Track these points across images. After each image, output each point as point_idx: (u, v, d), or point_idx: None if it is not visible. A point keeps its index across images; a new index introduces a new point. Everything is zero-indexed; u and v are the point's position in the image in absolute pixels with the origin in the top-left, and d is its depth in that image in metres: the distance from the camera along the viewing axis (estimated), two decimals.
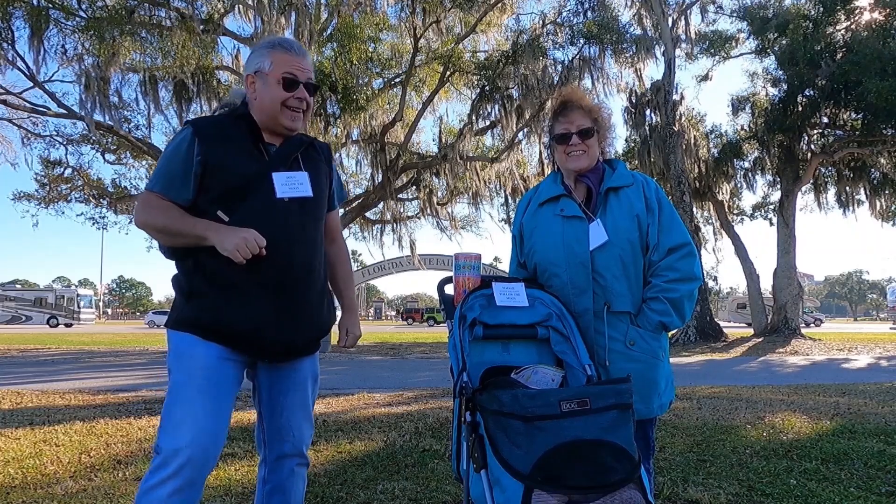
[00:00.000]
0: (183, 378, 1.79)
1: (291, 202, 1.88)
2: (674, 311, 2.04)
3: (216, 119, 1.97)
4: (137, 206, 1.90)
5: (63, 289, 48.37)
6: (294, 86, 1.93)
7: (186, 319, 1.83)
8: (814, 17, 19.34)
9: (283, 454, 1.98)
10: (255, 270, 1.79)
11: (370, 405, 6.38)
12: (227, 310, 1.80)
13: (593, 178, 2.16)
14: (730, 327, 29.95)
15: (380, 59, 17.27)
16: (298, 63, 1.94)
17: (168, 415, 1.77)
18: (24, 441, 4.48)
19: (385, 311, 68.61)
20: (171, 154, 1.87)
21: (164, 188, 1.85)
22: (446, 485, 3.29)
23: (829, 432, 4.74)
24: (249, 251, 1.73)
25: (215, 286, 1.81)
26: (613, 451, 1.61)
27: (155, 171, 1.90)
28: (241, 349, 1.85)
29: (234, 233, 1.75)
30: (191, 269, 1.84)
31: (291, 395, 1.98)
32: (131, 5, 14.56)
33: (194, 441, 1.72)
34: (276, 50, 1.94)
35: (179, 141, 1.87)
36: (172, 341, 1.85)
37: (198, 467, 1.73)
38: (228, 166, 1.85)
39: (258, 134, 1.93)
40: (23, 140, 18.81)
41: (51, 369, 10.79)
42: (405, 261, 49.38)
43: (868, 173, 21.50)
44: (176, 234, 1.82)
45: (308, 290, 1.92)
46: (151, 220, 1.84)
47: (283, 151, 1.96)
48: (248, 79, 1.97)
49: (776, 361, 12.84)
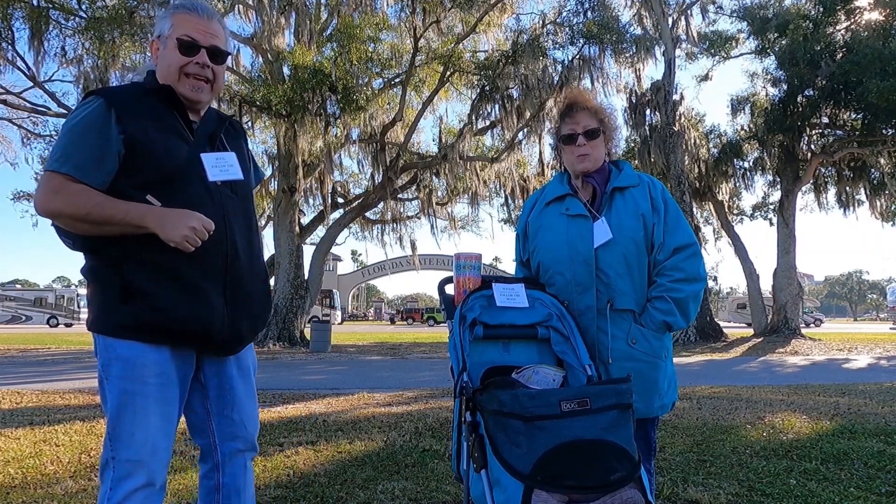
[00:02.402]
0: (136, 387, 1.62)
1: (224, 185, 1.74)
2: (678, 310, 2.04)
3: (127, 89, 1.74)
4: (44, 191, 1.59)
5: (63, 289, 48.35)
6: (193, 49, 1.72)
7: (129, 324, 1.61)
8: (814, 17, 19.35)
9: (237, 450, 1.85)
10: (198, 260, 1.63)
11: (370, 405, 6.38)
12: (178, 307, 1.62)
13: (599, 178, 2.17)
14: (730, 327, 29.95)
15: (380, 59, 17.27)
16: (202, 25, 1.74)
17: (121, 425, 1.61)
18: (24, 441, 4.48)
19: (385, 311, 68.55)
20: (81, 130, 1.60)
21: (76, 170, 1.58)
22: (446, 485, 3.29)
23: (829, 432, 4.74)
24: (199, 239, 1.57)
25: (158, 281, 1.61)
26: (613, 451, 1.61)
27: (59, 150, 1.61)
28: (192, 345, 1.71)
29: (177, 218, 1.56)
30: (119, 261, 1.61)
31: (242, 387, 1.86)
32: (131, 5, 14.55)
33: (156, 448, 1.63)
34: (177, 11, 1.75)
35: (90, 114, 1.61)
36: (112, 348, 1.64)
37: (162, 472, 1.66)
38: (156, 146, 1.63)
39: (182, 109, 1.74)
40: (23, 140, 18.83)
41: (51, 369, 10.78)
42: (405, 261, 49.46)
43: (868, 173, 21.51)
44: (102, 223, 1.57)
45: (252, 277, 1.81)
46: (67, 207, 1.57)
47: (206, 130, 1.78)
48: (152, 45, 1.78)
49: (776, 361, 12.85)
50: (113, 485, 1.60)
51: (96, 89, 1.71)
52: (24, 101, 17.18)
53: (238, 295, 1.75)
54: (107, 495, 1.60)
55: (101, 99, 1.64)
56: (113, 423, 1.63)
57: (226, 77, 2.09)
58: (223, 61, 1.81)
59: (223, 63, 1.82)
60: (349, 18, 16.21)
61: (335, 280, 55.12)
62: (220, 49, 1.78)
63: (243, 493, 1.88)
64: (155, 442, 1.63)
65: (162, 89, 1.73)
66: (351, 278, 60.55)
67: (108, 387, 1.64)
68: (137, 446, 1.61)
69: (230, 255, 1.72)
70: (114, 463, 1.61)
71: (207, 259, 1.66)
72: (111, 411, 1.64)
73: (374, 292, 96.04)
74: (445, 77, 17.51)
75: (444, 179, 20.17)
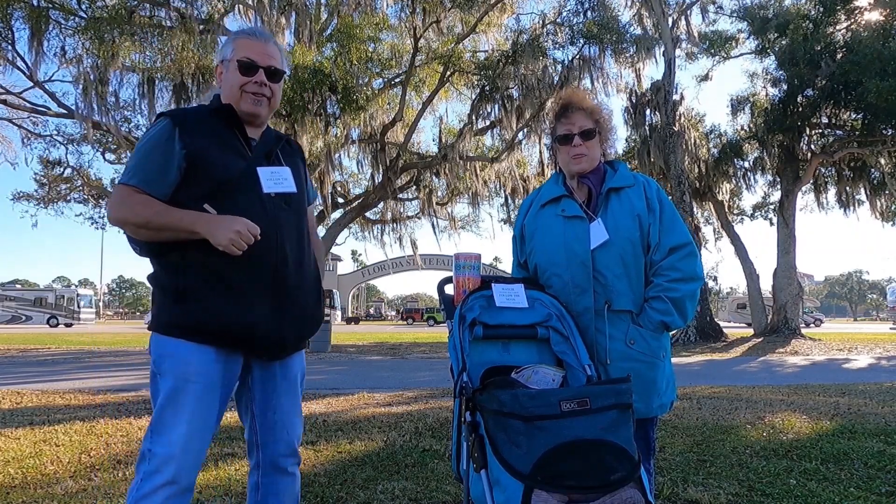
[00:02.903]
0: (178, 384, 1.73)
1: (277, 197, 1.85)
2: (675, 310, 2.04)
3: (193, 111, 1.92)
4: (113, 202, 1.78)
5: (63, 289, 48.39)
6: (252, 70, 1.87)
7: (179, 324, 1.75)
8: (814, 17, 19.35)
9: (278, 454, 1.94)
10: (249, 267, 1.74)
11: (370, 405, 6.38)
12: (225, 310, 1.74)
13: (595, 179, 2.17)
14: (730, 327, 29.94)
15: (380, 59, 17.27)
16: (259, 47, 1.90)
17: (161, 420, 1.72)
18: (24, 441, 4.48)
19: (385, 311, 68.52)
20: (149, 146, 1.78)
21: (143, 182, 1.75)
22: (446, 485, 3.29)
23: (829, 432, 4.74)
24: (245, 243, 1.68)
25: (209, 285, 1.74)
26: (613, 451, 1.61)
27: (130, 165, 1.80)
28: (238, 349, 1.81)
29: (226, 224, 1.68)
30: (177, 266, 1.76)
31: (284, 392, 1.94)
32: (131, 5, 14.56)
33: (188, 447, 1.70)
34: (238, 37, 1.93)
35: (157, 133, 1.79)
36: (162, 346, 1.77)
37: (192, 473, 1.72)
38: (215, 161, 1.78)
39: (241, 127, 1.88)
40: (23, 140, 18.85)
41: (51, 369, 10.78)
42: (405, 261, 49.49)
43: (868, 173, 21.51)
44: (160, 229, 1.73)
45: (300, 285, 1.89)
46: (132, 215, 1.73)
47: (264, 146, 1.92)
48: (216, 69, 1.95)
49: (776, 361, 12.85)
50: (144, 476, 1.69)
51: (165, 111, 1.89)
52: (24, 101, 17.20)
53: (284, 302, 1.83)
54: (137, 485, 1.70)
55: (168, 119, 1.81)
56: (156, 417, 1.74)
57: None
58: (279, 80, 1.95)
59: (279, 81, 1.96)
60: (349, 18, 16.21)
61: (335, 280, 55.15)
62: (276, 69, 1.92)
63: (283, 497, 1.95)
64: (187, 442, 1.70)
65: (223, 109, 1.89)
66: (351, 278, 60.55)
67: (160, 382, 1.76)
68: (172, 443, 1.69)
69: (279, 262, 1.81)
70: (150, 455, 1.70)
71: (257, 265, 1.77)
72: (157, 406, 1.75)
73: (374, 292, 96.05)
74: (445, 77, 17.51)
75: (444, 179, 20.18)
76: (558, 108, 2.21)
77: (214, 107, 1.91)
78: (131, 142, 17.09)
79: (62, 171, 19.60)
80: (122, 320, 79.47)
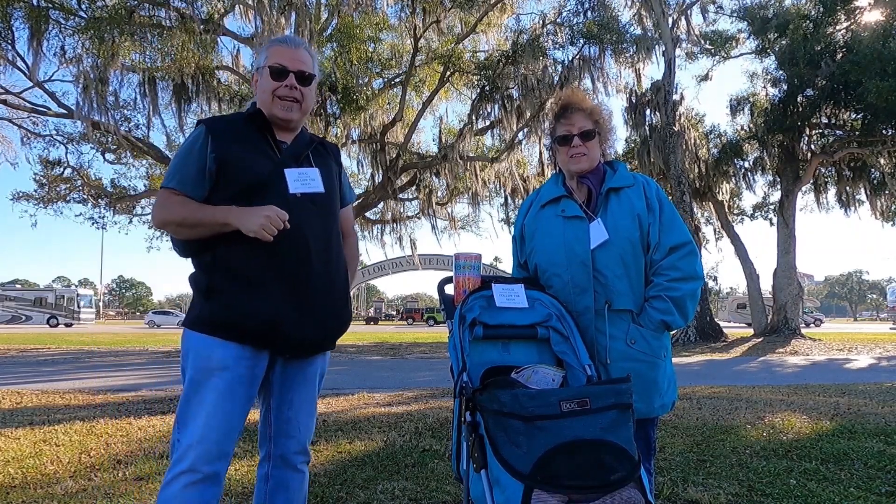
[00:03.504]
0: (201, 377, 1.81)
1: (304, 197, 1.90)
2: (676, 309, 2.04)
3: (228, 118, 2.02)
4: (155, 206, 1.92)
5: (63, 289, 48.37)
6: (282, 75, 1.95)
7: (205, 319, 1.83)
8: (814, 17, 19.35)
9: (289, 450, 1.98)
10: (271, 265, 1.81)
11: (370, 405, 6.38)
12: (247, 306, 1.80)
13: (594, 179, 2.17)
14: (730, 327, 29.95)
15: (380, 59, 17.28)
16: (290, 53, 1.97)
17: (184, 411, 1.81)
18: (24, 441, 4.48)
19: (385, 311, 68.46)
20: (185, 152, 1.90)
21: (180, 184, 1.87)
22: (446, 485, 3.29)
23: (829, 432, 4.74)
24: (275, 227, 1.74)
25: (234, 282, 1.81)
26: (613, 451, 1.61)
27: (170, 170, 1.93)
28: (260, 346, 1.84)
29: (255, 212, 1.76)
30: (208, 265, 1.85)
31: (301, 389, 1.99)
32: (131, 5, 14.55)
33: (205, 437, 1.76)
34: (272, 45, 2.01)
35: (193, 139, 1.91)
36: (189, 341, 1.86)
37: (211, 461, 1.77)
38: (243, 164, 1.87)
39: (271, 131, 1.96)
40: (22, 140, 18.84)
41: (51, 369, 10.78)
42: (405, 261, 49.44)
43: (868, 173, 21.51)
44: (196, 225, 1.83)
45: (327, 285, 1.92)
46: (170, 215, 1.85)
47: (295, 149, 1.99)
48: (252, 78, 2.05)
49: (776, 361, 12.85)
50: (172, 464, 1.79)
51: (202, 119, 2.00)
52: (24, 101, 17.18)
53: (307, 301, 1.87)
54: (168, 471, 1.80)
55: (203, 126, 1.93)
56: (181, 408, 1.82)
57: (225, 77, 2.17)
58: (310, 83, 2.02)
59: (310, 85, 2.02)
60: (349, 18, 16.21)
61: None
62: (306, 73, 1.99)
63: (294, 494, 1.99)
64: (205, 432, 1.77)
65: (254, 115, 1.97)
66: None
67: (185, 375, 1.85)
68: (193, 433, 1.77)
69: (302, 260, 1.86)
70: (176, 445, 1.80)
71: (281, 264, 1.83)
72: (182, 397, 1.84)
73: (374, 292, 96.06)
74: (445, 77, 17.51)
75: (444, 179, 20.18)
76: (558, 109, 2.22)
77: (248, 113, 2.00)
78: (131, 141, 17.10)
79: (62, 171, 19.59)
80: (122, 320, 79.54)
